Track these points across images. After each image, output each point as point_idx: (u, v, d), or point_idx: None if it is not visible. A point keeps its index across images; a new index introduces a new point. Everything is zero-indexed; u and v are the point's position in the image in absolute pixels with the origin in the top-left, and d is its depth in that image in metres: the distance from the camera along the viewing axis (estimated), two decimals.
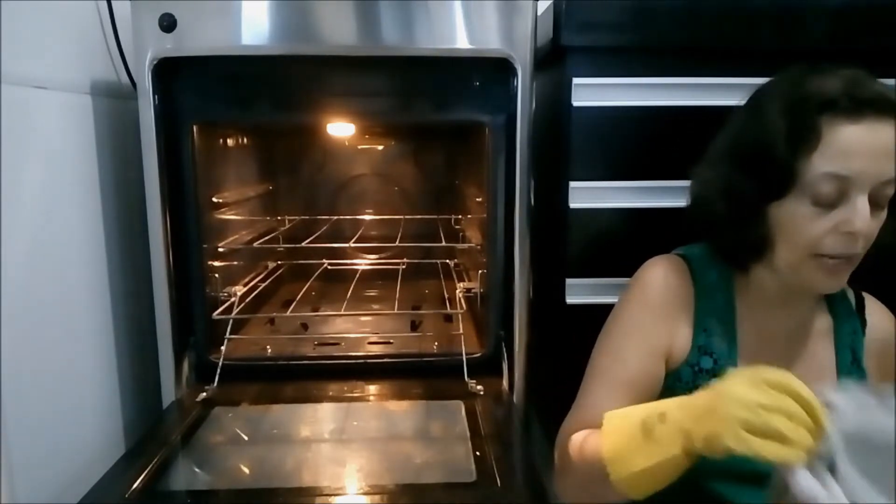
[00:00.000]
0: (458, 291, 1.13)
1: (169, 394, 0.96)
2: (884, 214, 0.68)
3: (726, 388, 0.55)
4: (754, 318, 0.76)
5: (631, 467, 0.61)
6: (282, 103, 0.98)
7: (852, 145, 0.66)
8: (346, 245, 1.36)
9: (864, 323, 0.80)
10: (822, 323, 0.79)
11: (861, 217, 0.65)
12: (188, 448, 0.81)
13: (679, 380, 0.75)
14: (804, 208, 0.68)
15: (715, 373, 0.73)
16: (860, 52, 0.96)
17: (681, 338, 0.75)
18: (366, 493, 0.70)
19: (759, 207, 0.71)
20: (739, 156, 0.73)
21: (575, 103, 0.95)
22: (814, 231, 0.67)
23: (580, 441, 0.70)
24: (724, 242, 0.77)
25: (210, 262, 1.04)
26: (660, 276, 0.77)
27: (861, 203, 0.66)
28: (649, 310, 0.76)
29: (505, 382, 0.99)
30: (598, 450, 0.64)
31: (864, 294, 0.82)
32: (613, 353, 0.76)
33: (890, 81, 0.96)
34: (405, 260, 1.32)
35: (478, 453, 0.77)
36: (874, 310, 0.81)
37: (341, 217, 1.46)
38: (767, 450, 0.52)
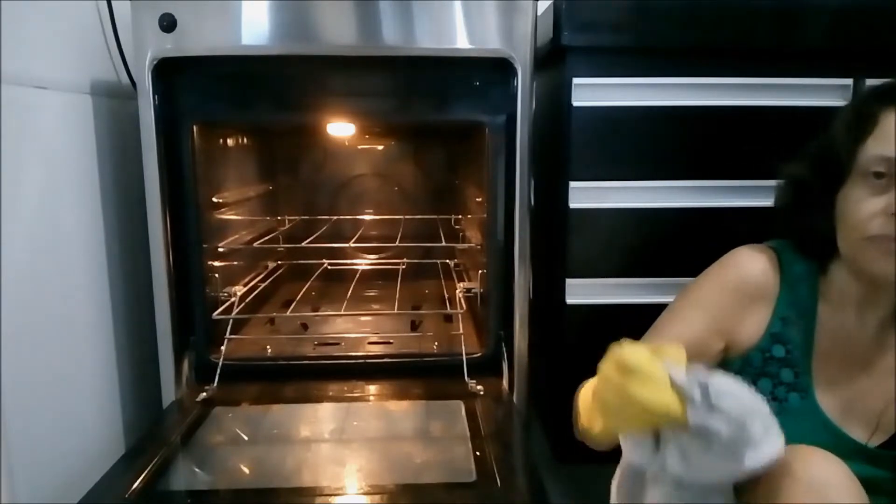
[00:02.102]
0: (458, 291, 1.13)
1: (169, 394, 0.96)
2: None
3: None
4: (833, 318, 0.77)
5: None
6: (282, 103, 0.98)
7: None
8: (346, 245, 1.36)
9: None
10: None
11: None
12: (188, 448, 0.81)
13: (749, 364, 0.76)
14: (858, 192, 0.70)
15: (786, 362, 0.75)
16: (860, 52, 0.97)
17: (753, 324, 0.76)
18: (366, 493, 0.70)
19: (824, 197, 0.74)
20: (811, 152, 0.77)
21: (575, 103, 0.95)
22: (863, 213, 0.69)
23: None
24: (798, 235, 0.79)
25: (210, 262, 1.04)
26: (744, 262, 0.79)
27: None
28: (725, 290, 0.78)
29: (505, 382, 0.99)
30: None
31: None
32: (677, 314, 0.79)
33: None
34: (405, 260, 1.32)
35: (478, 453, 0.77)
36: None
37: (341, 217, 1.46)
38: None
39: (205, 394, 0.93)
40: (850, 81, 0.96)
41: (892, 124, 0.69)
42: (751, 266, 0.78)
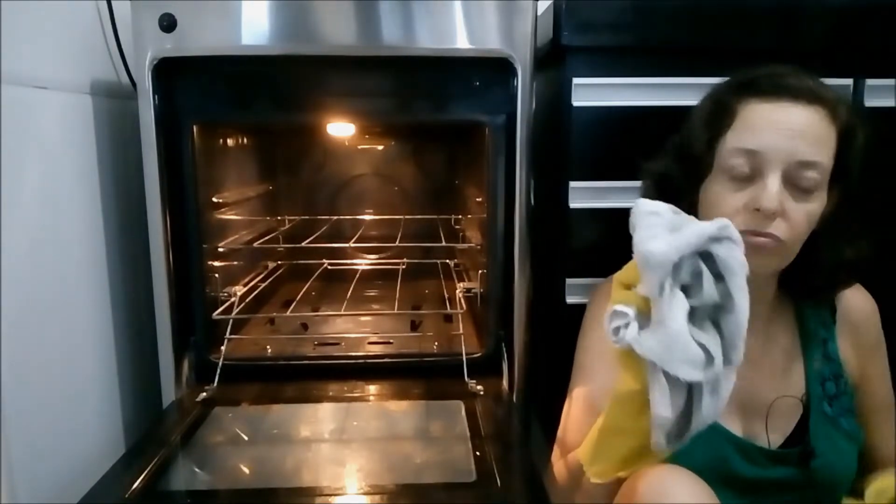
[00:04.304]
0: (458, 291, 1.13)
1: (169, 394, 0.96)
2: (814, 202, 0.68)
3: None
4: None
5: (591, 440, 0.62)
6: (282, 103, 0.98)
7: (762, 121, 0.68)
8: (347, 245, 1.36)
9: (833, 311, 0.80)
10: (787, 319, 0.79)
11: (769, 195, 0.66)
12: (188, 448, 0.81)
13: None
14: (719, 186, 0.70)
15: None
16: (860, 52, 0.97)
17: None
18: (366, 493, 0.70)
19: (687, 192, 0.74)
20: (671, 147, 0.78)
21: (575, 103, 0.95)
22: (726, 208, 0.69)
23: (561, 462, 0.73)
24: None
25: (210, 262, 1.04)
26: (605, 296, 0.79)
27: (771, 181, 0.66)
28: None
29: (505, 382, 0.99)
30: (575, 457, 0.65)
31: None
32: (583, 377, 0.79)
33: (890, 81, 0.97)
34: (405, 260, 1.31)
35: (478, 453, 0.77)
36: (846, 295, 0.80)
37: (341, 217, 1.46)
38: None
39: (205, 394, 0.93)
40: (850, 81, 0.96)
41: (750, 115, 0.69)
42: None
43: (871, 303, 0.81)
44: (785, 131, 0.67)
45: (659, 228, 0.54)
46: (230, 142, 1.21)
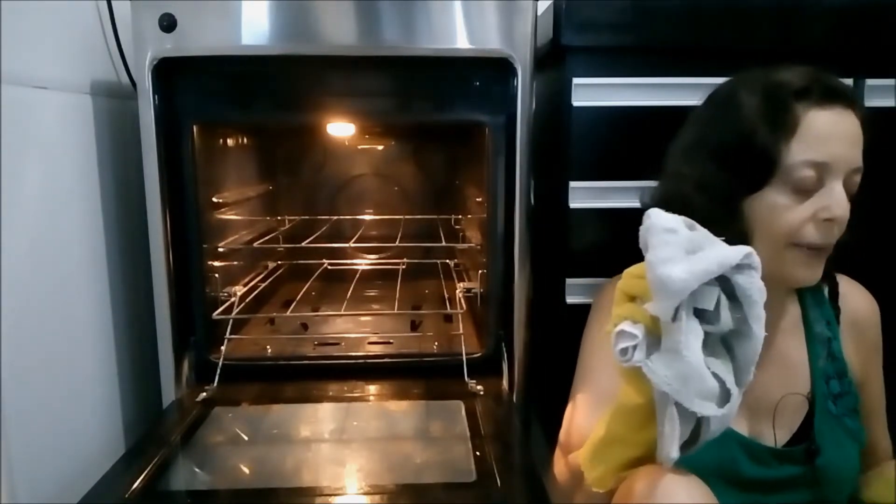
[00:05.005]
0: (458, 291, 1.13)
1: (169, 394, 0.96)
2: (849, 205, 0.69)
3: None
4: None
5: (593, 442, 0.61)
6: (282, 103, 0.98)
7: (829, 131, 0.67)
8: (347, 245, 1.36)
9: (837, 311, 0.80)
10: (793, 318, 0.79)
11: (839, 203, 0.66)
12: (188, 448, 0.81)
13: None
14: (782, 198, 0.68)
15: None
16: (860, 52, 0.96)
17: None
18: (366, 493, 0.70)
19: (736, 201, 0.70)
20: (716, 150, 0.72)
21: (575, 103, 0.95)
22: (793, 220, 0.68)
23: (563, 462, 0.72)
24: None
25: (210, 262, 1.04)
26: (609, 297, 0.79)
27: (838, 189, 0.67)
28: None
29: (505, 382, 0.99)
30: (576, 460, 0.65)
31: (841, 279, 0.82)
32: (587, 380, 0.78)
33: (890, 81, 0.97)
34: (405, 260, 1.31)
35: (478, 453, 0.77)
36: (849, 295, 0.81)
37: (341, 217, 1.46)
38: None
39: (205, 394, 0.93)
40: (850, 81, 0.96)
41: (816, 125, 0.67)
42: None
43: (874, 304, 0.82)
44: (846, 140, 0.67)
45: (675, 248, 0.50)
46: (230, 142, 1.21)
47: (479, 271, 1.10)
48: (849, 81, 0.96)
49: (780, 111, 0.68)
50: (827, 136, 0.67)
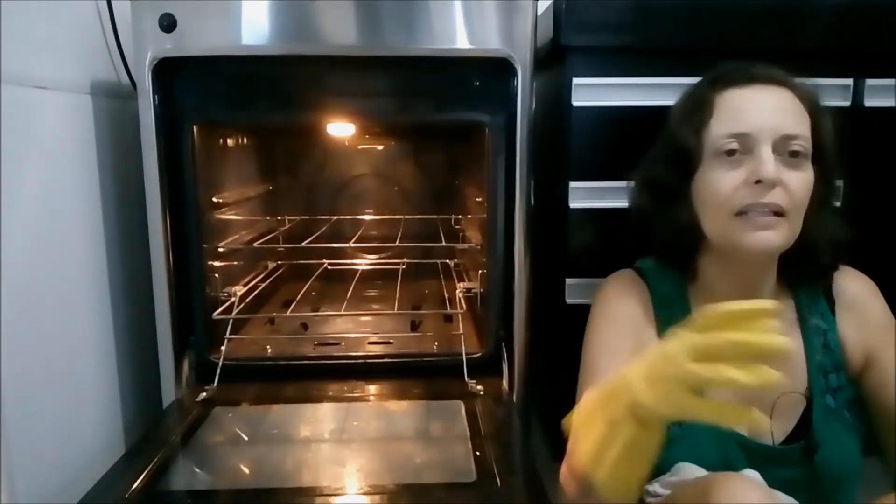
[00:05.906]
0: (458, 291, 1.13)
1: (169, 394, 0.96)
2: (805, 171, 0.71)
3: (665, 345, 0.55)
4: None
5: (605, 461, 0.59)
6: (282, 103, 0.98)
7: (744, 103, 0.72)
8: (347, 245, 1.36)
9: (832, 302, 0.80)
10: (788, 315, 0.79)
11: (765, 164, 0.68)
12: (188, 448, 0.81)
13: None
14: (716, 172, 0.72)
15: None
16: (860, 52, 0.97)
17: (649, 347, 0.75)
18: (366, 493, 0.70)
19: (679, 190, 0.76)
20: (656, 150, 0.79)
21: (575, 103, 0.95)
22: (727, 187, 0.71)
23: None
24: (661, 238, 0.80)
25: (210, 262, 1.04)
26: (617, 292, 0.81)
27: (765, 152, 0.69)
28: (613, 325, 0.79)
29: (505, 382, 0.99)
30: (580, 461, 0.64)
31: (836, 272, 0.81)
32: (591, 373, 0.78)
33: (890, 81, 0.97)
34: (405, 260, 1.31)
35: (478, 453, 0.77)
36: (841, 282, 0.81)
37: (341, 217, 1.46)
38: (722, 376, 0.48)
39: (205, 394, 0.93)
40: (850, 81, 0.96)
41: (731, 103, 0.72)
42: (624, 294, 0.81)
43: (867, 281, 0.82)
44: (767, 110, 0.70)
45: None
46: (230, 142, 1.21)
47: (479, 271, 1.10)
48: (849, 81, 0.96)
49: (696, 102, 0.75)
50: (744, 108, 0.71)
